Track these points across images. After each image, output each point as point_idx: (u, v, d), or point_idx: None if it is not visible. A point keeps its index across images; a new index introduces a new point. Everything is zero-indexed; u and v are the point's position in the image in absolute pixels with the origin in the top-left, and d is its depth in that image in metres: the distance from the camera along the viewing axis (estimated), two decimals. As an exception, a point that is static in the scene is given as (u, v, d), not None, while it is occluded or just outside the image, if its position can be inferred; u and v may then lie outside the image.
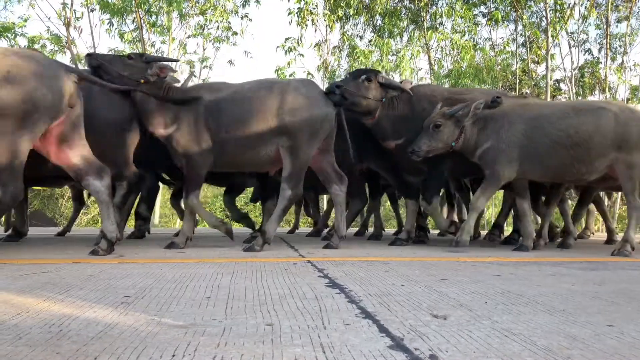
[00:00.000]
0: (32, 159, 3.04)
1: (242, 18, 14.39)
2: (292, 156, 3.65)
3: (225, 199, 5.30)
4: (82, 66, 13.53)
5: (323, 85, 14.26)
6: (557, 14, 13.37)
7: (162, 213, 14.85)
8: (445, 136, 3.91)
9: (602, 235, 6.75)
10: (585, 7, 13.51)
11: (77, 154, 3.19)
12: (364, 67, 13.19)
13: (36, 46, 13.33)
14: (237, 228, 6.49)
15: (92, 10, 13.16)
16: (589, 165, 3.85)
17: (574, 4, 13.36)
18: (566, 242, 4.59)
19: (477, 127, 3.98)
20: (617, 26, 15.13)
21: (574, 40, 14.96)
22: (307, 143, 3.66)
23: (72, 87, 3.11)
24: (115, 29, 13.38)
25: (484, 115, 3.99)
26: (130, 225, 5.48)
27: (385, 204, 17.00)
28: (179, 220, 14.35)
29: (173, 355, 1.13)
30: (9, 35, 13.20)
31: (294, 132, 3.63)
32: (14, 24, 13.26)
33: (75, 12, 13.25)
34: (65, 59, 13.31)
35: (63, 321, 1.43)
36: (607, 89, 14.56)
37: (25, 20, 13.30)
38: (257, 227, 5.03)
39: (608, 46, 14.37)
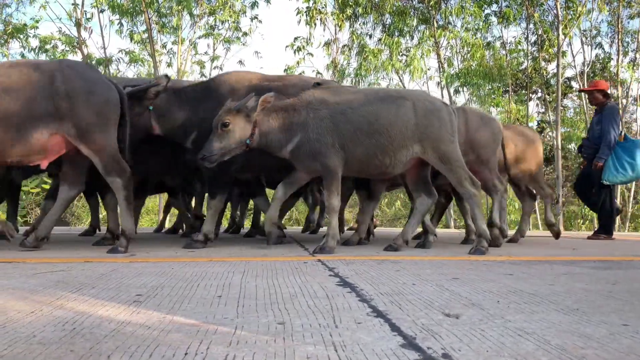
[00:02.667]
0: None
1: (251, 19, 14.43)
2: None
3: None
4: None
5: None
6: (569, 11, 13.25)
7: (173, 212, 14.89)
8: (236, 135, 3.47)
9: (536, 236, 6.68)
10: (597, 4, 13.36)
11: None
12: (374, 66, 13.18)
13: (47, 47, 13.46)
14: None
15: (102, 11, 13.25)
16: (393, 157, 3.64)
17: (586, 1, 13.23)
18: (474, 244, 4.35)
19: (278, 120, 3.60)
20: (629, 22, 14.98)
21: (585, 38, 14.83)
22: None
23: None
24: (127, 30, 13.47)
25: (285, 106, 3.63)
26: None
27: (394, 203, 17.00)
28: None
29: (185, 354, 1.14)
30: (21, 36, 13.32)
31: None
32: (25, 25, 13.38)
33: (85, 13, 13.36)
34: (76, 59, 13.42)
35: (76, 319, 1.44)
36: (619, 85, 14.42)
37: (37, 22, 13.43)
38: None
39: (620, 42, 14.23)
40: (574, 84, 17.71)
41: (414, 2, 14.02)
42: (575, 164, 17.47)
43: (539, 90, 17.39)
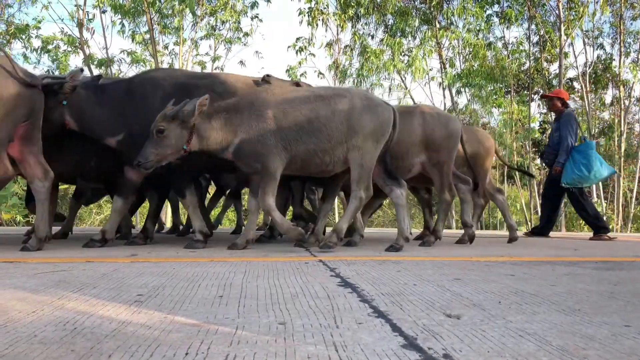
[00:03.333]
0: None
1: (252, 19, 14.43)
2: None
3: None
4: (95, 67, 13.68)
5: (334, 85, 14.25)
6: (572, 11, 13.24)
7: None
8: (172, 141, 3.41)
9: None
10: (600, 5, 13.34)
11: None
12: (376, 66, 13.18)
13: (50, 47, 13.49)
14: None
15: (104, 12, 13.27)
16: (332, 155, 3.63)
17: (588, 1, 13.21)
18: (427, 240, 4.39)
19: (218, 122, 3.53)
20: (631, 24, 14.96)
21: (588, 38, 14.81)
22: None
23: None
24: (129, 30, 13.49)
25: (226, 107, 3.58)
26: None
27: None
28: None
29: (186, 354, 1.14)
30: (24, 36, 13.35)
31: None
32: (28, 25, 13.41)
33: (87, 14, 13.39)
34: (78, 59, 13.45)
35: (77, 319, 1.45)
36: (621, 86, 14.40)
37: (39, 22, 13.45)
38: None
39: (622, 42, 14.20)
40: (576, 85, 17.70)
41: (416, 3, 14.02)
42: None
43: (541, 91, 17.39)
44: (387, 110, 3.81)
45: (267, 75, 4.12)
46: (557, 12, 13.36)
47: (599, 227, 5.92)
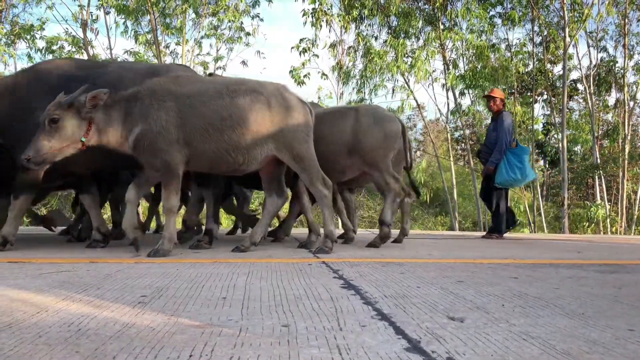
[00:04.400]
0: None
1: (252, 18, 14.44)
2: None
3: None
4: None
5: (337, 86, 14.27)
6: (575, 13, 13.21)
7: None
8: (68, 131, 3.11)
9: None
10: (606, 6, 13.30)
11: None
12: (379, 67, 13.18)
13: (54, 47, 13.53)
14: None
15: (108, 13, 13.31)
16: (246, 155, 3.45)
17: (592, 3, 13.18)
18: (320, 243, 4.01)
19: (118, 112, 3.27)
20: (638, 25, 14.91)
21: (592, 40, 14.77)
22: None
23: None
24: (131, 30, 13.52)
25: (127, 96, 3.31)
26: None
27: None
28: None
29: (190, 356, 1.14)
30: (28, 37, 13.40)
31: None
32: (32, 26, 13.45)
33: (91, 15, 13.43)
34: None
35: (81, 320, 1.45)
36: (625, 88, 14.35)
37: (44, 23, 13.50)
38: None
39: (626, 45, 14.16)
40: (580, 86, 17.66)
41: (420, 4, 14.02)
42: (581, 167, 17.42)
43: (545, 93, 17.35)
44: (304, 108, 3.66)
45: (210, 75, 4.01)
46: (561, 13, 13.33)
47: (498, 228, 6.03)
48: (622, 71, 14.67)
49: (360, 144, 4.16)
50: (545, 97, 17.86)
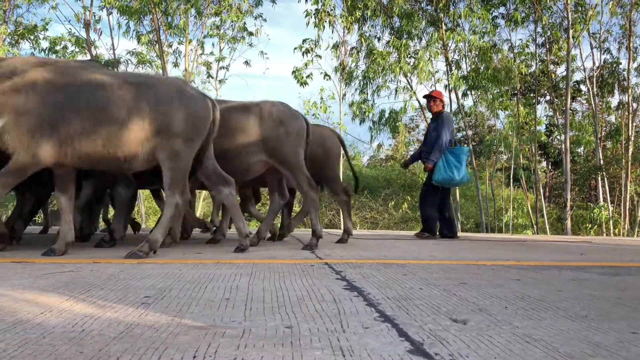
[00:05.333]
0: None
1: (255, 18, 14.45)
2: None
3: None
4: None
5: (339, 87, 14.28)
6: (579, 14, 13.19)
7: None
8: None
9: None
10: (609, 9, 13.27)
11: None
12: (382, 68, 13.18)
13: (57, 48, 13.56)
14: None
15: (110, 14, 13.33)
16: (127, 151, 3.22)
17: (596, 4, 13.16)
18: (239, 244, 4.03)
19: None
20: (643, 27, 14.86)
21: (595, 41, 14.74)
22: None
23: None
24: (133, 30, 13.54)
25: None
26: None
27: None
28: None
29: (194, 357, 1.14)
30: (32, 37, 13.43)
31: None
32: (36, 26, 13.49)
33: (94, 15, 13.45)
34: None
35: (85, 321, 1.46)
36: (629, 90, 14.32)
37: (47, 23, 13.53)
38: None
39: (630, 46, 14.13)
40: (583, 88, 17.63)
41: (422, 5, 14.01)
42: (584, 168, 17.39)
43: (547, 94, 17.32)
44: (203, 103, 3.45)
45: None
46: (564, 14, 13.31)
47: (430, 230, 6.09)
48: (624, 73, 14.64)
49: (264, 141, 4.04)
50: (548, 98, 17.85)
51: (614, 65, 14.96)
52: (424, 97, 6.58)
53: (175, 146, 3.28)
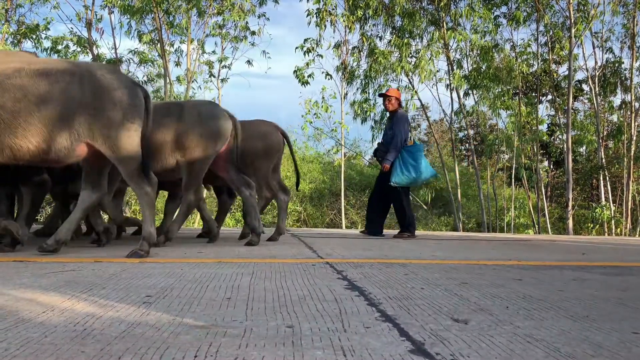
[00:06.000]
0: None
1: (258, 17, 14.42)
2: None
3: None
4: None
5: (341, 87, 14.28)
6: (581, 13, 13.16)
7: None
8: None
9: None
10: (611, 7, 13.24)
11: None
12: (383, 67, 13.17)
13: (59, 47, 13.57)
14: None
15: (111, 13, 13.32)
16: (52, 142, 3.03)
17: (598, 3, 13.13)
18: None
19: None
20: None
21: (597, 40, 14.71)
22: None
23: None
24: (135, 29, 13.53)
25: None
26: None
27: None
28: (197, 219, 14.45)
29: (195, 356, 1.14)
30: (34, 36, 13.44)
31: None
32: (38, 25, 13.49)
33: (96, 15, 13.45)
34: (87, 59, 13.52)
35: (87, 320, 1.46)
36: (632, 89, 14.29)
37: (48, 23, 13.54)
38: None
39: (633, 45, 14.09)
40: (585, 87, 17.58)
41: (424, 4, 13.99)
42: (586, 167, 17.36)
43: (549, 93, 17.29)
44: (133, 91, 3.29)
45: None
46: (566, 13, 13.29)
47: (409, 228, 6.02)
48: (626, 72, 14.60)
49: (185, 140, 3.96)
50: (549, 97, 17.81)
51: (616, 64, 14.92)
52: (379, 95, 6.48)
53: (113, 136, 3.17)
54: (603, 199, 14.49)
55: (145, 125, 3.32)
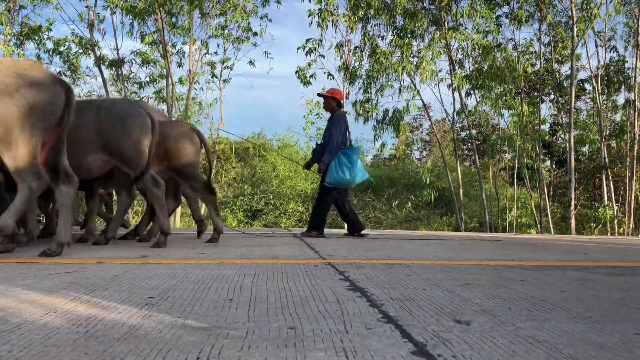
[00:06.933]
0: None
1: (261, 18, 14.43)
2: None
3: None
4: (106, 68, 13.79)
5: (343, 87, 14.27)
6: (584, 12, 13.13)
7: (183, 212, 15.02)
8: None
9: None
10: (614, 6, 13.20)
11: None
12: (385, 67, 13.16)
13: (61, 48, 13.60)
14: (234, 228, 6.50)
15: (114, 13, 13.34)
16: None
17: (601, 2, 13.09)
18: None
19: None
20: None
21: (600, 39, 14.67)
22: None
23: None
24: (137, 30, 13.56)
25: None
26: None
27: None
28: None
29: (197, 358, 1.15)
30: (36, 37, 13.47)
31: None
32: (40, 26, 13.52)
33: (98, 15, 13.47)
34: (90, 60, 13.55)
35: (89, 322, 1.46)
36: (635, 89, 14.25)
37: (51, 24, 13.56)
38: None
39: (637, 44, 14.05)
40: (587, 87, 17.55)
41: (425, 4, 13.97)
42: (588, 167, 17.33)
43: (552, 93, 17.26)
44: (54, 86, 3.24)
45: None
46: (569, 12, 13.26)
47: (318, 227, 5.97)
48: (629, 71, 14.57)
49: (105, 139, 3.90)
50: (552, 97, 17.78)
51: (620, 63, 14.88)
52: (318, 95, 6.41)
53: (15, 132, 3.11)
54: (605, 199, 14.46)
55: (65, 121, 3.29)
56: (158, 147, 4.23)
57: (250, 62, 14.60)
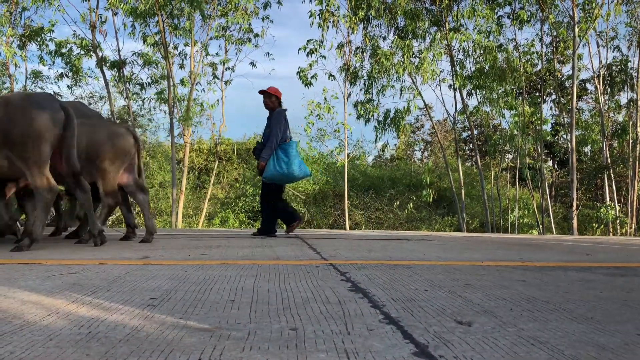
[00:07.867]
0: None
1: (262, 19, 14.44)
2: None
3: None
4: (108, 69, 13.80)
5: (344, 87, 14.29)
6: (586, 13, 13.11)
7: (185, 213, 15.03)
8: None
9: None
10: (614, 6, 13.19)
11: None
12: (385, 68, 13.15)
13: (63, 50, 13.61)
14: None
15: (115, 14, 13.36)
16: None
17: (602, 3, 13.08)
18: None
19: None
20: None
21: (602, 39, 14.65)
22: None
23: None
24: (139, 32, 13.57)
25: None
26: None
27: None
28: (201, 220, 14.46)
29: (199, 359, 1.15)
30: (38, 39, 13.49)
31: None
32: (42, 28, 13.54)
33: (100, 17, 13.49)
34: (91, 62, 13.58)
35: (92, 323, 1.46)
36: (638, 89, 14.22)
37: (53, 25, 13.58)
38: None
39: (639, 44, 14.03)
40: (589, 87, 17.53)
41: (426, 4, 13.97)
42: (590, 167, 17.30)
43: (553, 93, 17.24)
44: None
45: None
46: (570, 12, 13.24)
47: (268, 231, 5.96)
48: (631, 71, 14.54)
49: (9, 135, 3.69)
50: (554, 97, 17.76)
51: (622, 63, 14.86)
52: (259, 92, 6.40)
53: None
54: (608, 199, 14.44)
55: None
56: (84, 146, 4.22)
57: (252, 63, 14.61)
